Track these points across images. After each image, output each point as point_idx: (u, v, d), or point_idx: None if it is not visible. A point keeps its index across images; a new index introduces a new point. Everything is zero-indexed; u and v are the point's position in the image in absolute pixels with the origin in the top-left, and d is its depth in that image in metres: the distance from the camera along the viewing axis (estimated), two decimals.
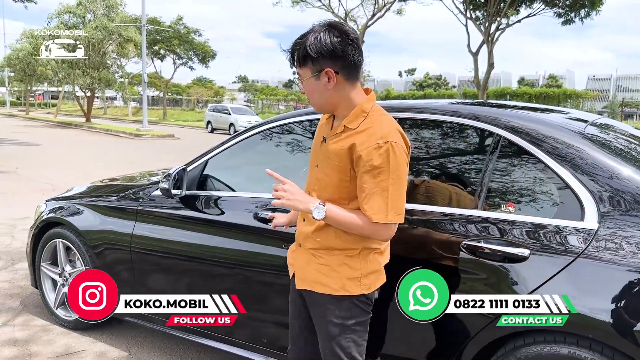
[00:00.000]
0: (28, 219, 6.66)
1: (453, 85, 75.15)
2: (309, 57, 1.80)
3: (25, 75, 45.95)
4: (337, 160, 1.85)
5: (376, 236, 1.84)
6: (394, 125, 1.84)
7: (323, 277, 1.91)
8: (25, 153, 15.77)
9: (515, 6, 23.69)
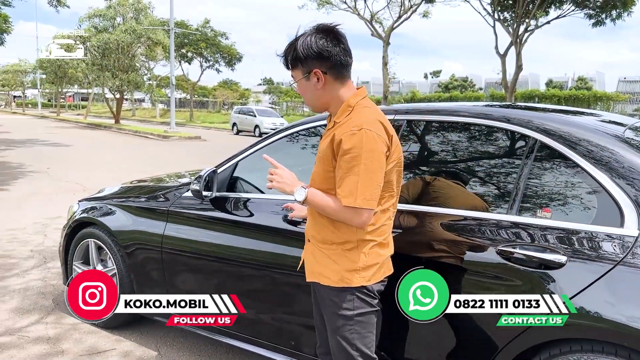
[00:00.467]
0: (60, 219, 6.81)
1: (480, 87, 74.26)
2: (298, 60, 1.95)
3: (57, 78, 46.92)
4: (322, 153, 1.96)
5: (349, 222, 1.89)
6: (374, 116, 1.91)
7: (324, 269, 1.98)
8: (57, 154, 16.11)
9: (545, 7, 23.30)
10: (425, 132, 2.66)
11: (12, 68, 62.69)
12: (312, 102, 2.02)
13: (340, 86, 1.97)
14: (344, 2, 29.03)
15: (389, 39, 28.93)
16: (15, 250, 5.46)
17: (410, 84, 73.27)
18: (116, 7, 31.40)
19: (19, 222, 6.71)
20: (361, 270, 1.93)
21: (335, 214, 1.90)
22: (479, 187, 2.41)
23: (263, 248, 2.79)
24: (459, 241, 2.20)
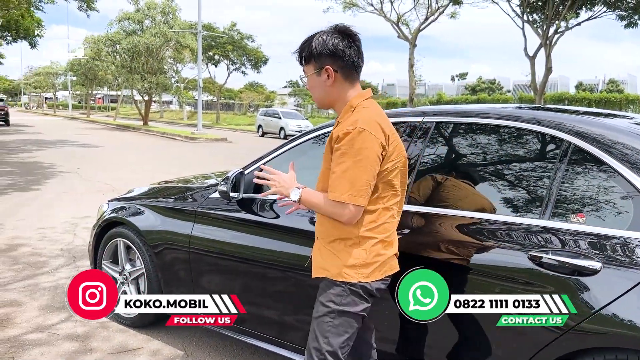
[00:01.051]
0: (89, 218, 6.94)
1: (507, 90, 73.28)
2: (312, 56, 2.01)
3: (87, 80, 47.97)
4: (325, 152, 2.03)
5: (337, 217, 1.92)
6: (371, 115, 1.94)
7: (325, 262, 2.02)
8: (86, 154, 16.43)
9: (575, 9, 22.90)
10: (454, 135, 2.62)
11: (44, 70, 64.36)
12: (320, 98, 2.08)
13: (349, 86, 2.04)
14: (370, 4, 28.99)
15: (415, 40, 28.77)
16: (45, 249, 5.58)
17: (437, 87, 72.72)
18: (145, 10, 31.94)
19: (50, 221, 6.85)
20: (360, 266, 1.95)
21: (325, 209, 1.96)
22: (509, 190, 2.36)
23: (289, 250, 2.78)
24: (488, 246, 2.16)
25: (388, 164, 1.95)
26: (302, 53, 2.04)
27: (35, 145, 19.19)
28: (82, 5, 19.76)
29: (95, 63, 38.03)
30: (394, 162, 1.98)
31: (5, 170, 11.96)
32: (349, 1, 29.05)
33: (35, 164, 13.28)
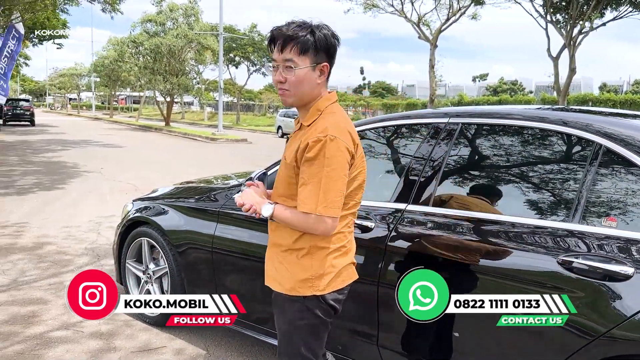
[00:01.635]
0: (113, 217, 7.03)
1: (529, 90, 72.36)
2: (313, 47, 1.86)
3: (110, 81, 48.66)
4: (289, 158, 1.91)
5: (314, 231, 1.84)
6: (340, 122, 1.87)
7: (279, 275, 1.97)
8: (110, 154, 16.66)
9: (600, 9, 22.53)
10: (479, 136, 2.59)
11: (68, 72, 65.49)
12: (303, 94, 1.90)
13: (325, 88, 1.97)
14: (391, 5, 28.88)
15: (436, 41, 28.58)
16: (70, 247, 5.67)
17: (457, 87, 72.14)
18: (167, 12, 32.30)
19: (74, 220, 6.96)
20: (314, 279, 1.89)
21: (300, 224, 1.85)
22: (537, 193, 2.32)
23: None
24: (516, 250, 2.13)
25: (352, 173, 1.89)
26: (299, 38, 1.84)
27: (60, 145, 19.52)
28: (106, 7, 20.03)
29: (119, 64, 38.56)
30: (357, 172, 1.92)
31: (31, 169, 12.19)
32: (370, 2, 28.97)
33: (59, 163, 13.51)
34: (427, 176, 2.54)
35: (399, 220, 2.49)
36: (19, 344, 3.37)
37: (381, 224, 2.53)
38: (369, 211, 2.61)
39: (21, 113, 32.88)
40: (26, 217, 7.05)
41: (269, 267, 2.04)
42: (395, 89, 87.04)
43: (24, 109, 33.19)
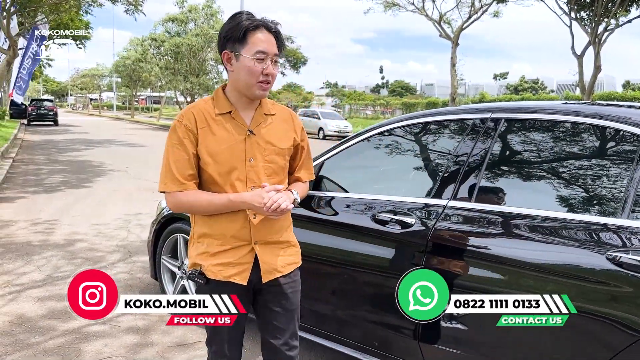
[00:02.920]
0: (141, 215, 7.13)
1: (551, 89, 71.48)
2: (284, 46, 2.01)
3: (131, 81, 49.22)
4: (283, 144, 2.03)
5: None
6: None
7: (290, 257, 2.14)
8: (134, 153, 16.87)
9: (626, 6, 22.13)
10: (524, 132, 2.58)
11: (90, 72, 66.41)
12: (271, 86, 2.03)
13: None
14: (412, 3, 28.73)
15: (457, 39, 28.36)
16: (101, 244, 5.76)
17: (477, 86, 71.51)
18: (188, 12, 32.60)
19: (103, 218, 7.07)
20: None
21: (305, 193, 2.17)
22: (583, 188, 2.30)
23: (349, 247, 2.79)
24: (565, 245, 2.11)
25: None
26: (283, 41, 1.98)
27: (84, 144, 19.82)
28: (130, 8, 20.26)
29: (140, 65, 39.00)
30: None
31: (57, 168, 12.40)
32: (390, 1, 28.85)
33: (85, 162, 13.72)
34: (470, 172, 2.53)
35: (441, 216, 2.49)
36: (58, 337, 3.44)
37: (422, 220, 2.53)
38: (408, 207, 2.61)
39: (45, 113, 33.47)
40: (56, 215, 7.19)
41: (272, 261, 2.03)
42: (414, 88, 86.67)
43: (47, 109, 33.77)
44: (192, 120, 1.93)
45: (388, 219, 2.64)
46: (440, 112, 2.94)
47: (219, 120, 1.94)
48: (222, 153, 1.92)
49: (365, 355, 2.79)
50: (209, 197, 1.92)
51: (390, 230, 2.62)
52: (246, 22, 1.88)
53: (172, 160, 1.92)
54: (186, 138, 1.91)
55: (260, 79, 1.90)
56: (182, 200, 1.92)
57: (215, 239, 1.97)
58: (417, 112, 3.13)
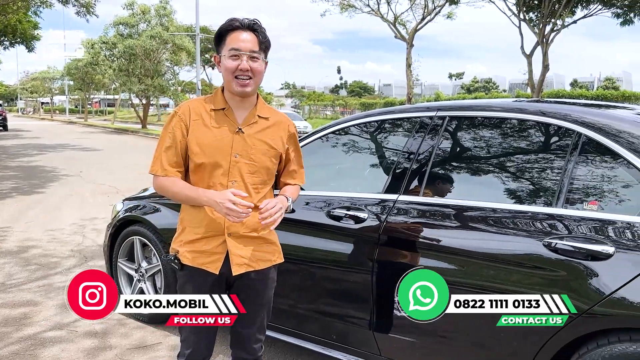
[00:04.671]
0: (96, 220, 7.02)
1: (503, 89, 73.48)
2: (269, 46, 2.11)
3: (84, 84, 47.92)
4: (277, 147, 2.14)
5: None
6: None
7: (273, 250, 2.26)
8: (88, 157, 16.47)
9: (571, 7, 23.01)
10: (465, 128, 2.71)
11: (40, 75, 64.24)
12: (258, 85, 2.12)
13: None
14: (367, 5, 29.06)
15: (412, 40, 28.84)
16: (56, 250, 5.65)
17: (433, 86, 72.85)
18: (139, 14, 32.00)
19: (57, 224, 6.92)
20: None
21: (296, 196, 2.28)
22: (522, 180, 2.44)
23: (307, 244, 2.86)
24: (504, 234, 2.24)
25: None
26: (265, 41, 2.07)
27: (36, 149, 19.23)
28: (82, 10, 19.73)
29: (93, 67, 38.03)
30: None
31: (8, 174, 12.01)
32: (346, 2, 29.12)
33: (37, 167, 13.33)
34: (418, 167, 2.65)
35: (391, 210, 2.59)
36: (13, 344, 3.38)
37: (374, 214, 2.63)
38: (362, 202, 2.70)
39: None
40: (8, 222, 6.99)
41: (244, 254, 2.09)
42: (372, 89, 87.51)
43: None
44: (186, 112, 2.08)
45: (342, 214, 2.73)
46: (393, 111, 3.04)
47: (213, 115, 2.08)
48: (210, 145, 2.04)
49: (324, 348, 2.86)
50: (184, 186, 2.06)
51: (344, 226, 2.71)
52: (225, 25, 2.04)
53: (162, 147, 2.07)
54: (178, 128, 2.06)
55: (236, 74, 2.01)
56: (164, 184, 2.08)
57: (192, 227, 2.09)
58: (370, 111, 3.24)
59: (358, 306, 2.69)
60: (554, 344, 2.07)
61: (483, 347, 2.31)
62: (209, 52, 42.06)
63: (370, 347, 2.66)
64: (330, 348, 2.84)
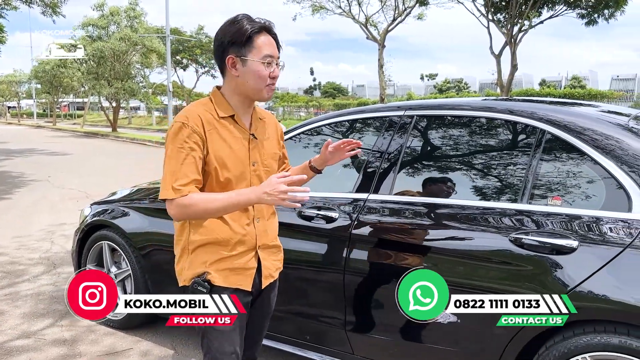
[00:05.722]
0: (65, 225, 6.88)
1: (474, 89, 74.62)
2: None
3: (52, 87, 46.88)
4: (277, 149, 2.09)
5: None
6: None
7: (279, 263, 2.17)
8: (56, 162, 16.13)
9: (537, 8, 23.48)
10: (433, 128, 2.74)
11: (6, 79, 62.64)
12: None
13: None
14: (339, 7, 29.19)
15: (384, 41, 29.07)
16: (23, 257, 5.52)
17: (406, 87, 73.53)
18: (109, 16, 31.48)
19: (25, 230, 6.75)
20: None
21: None
22: (488, 178, 2.48)
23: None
24: (471, 231, 2.27)
25: None
26: (279, 43, 1.94)
27: (2, 154, 18.75)
28: (47, 10, 19.29)
29: (61, 70, 37.26)
30: None
31: None
32: (317, 4, 29.19)
33: (4, 173, 13.00)
34: (387, 166, 2.66)
35: (362, 209, 2.60)
36: None
37: (345, 214, 2.63)
38: (333, 202, 2.71)
39: None
40: None
41: (270, 266, 2.04)
42: (345, 90, 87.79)
43: None
44: (198, 122, 1.82)
45: (314, 214, 2.73)
46: (364, 110, 3.05)
47: (224, 123, 1.88)
48: (230, 157, 1.86)
49: (298, 348, 2.86)
50: (214, 197, 1.80)
51: (315, 226, 2.71)
52: (249, 25, 1.83)
53: (178, 164, 1.78)
54: (193, 141, 1.79)
55: (268, 82, 1.87)
56: (190, 203, 1.77)
57: (221, 246, 1.89)
58: (341, 110, 3.25)
59: (331, 306, 2.69)
60: (522, 337, 2.11)
61: (453, 343, 2.33)
62: (180, 53, 41.71)
63: (343, 346, 2.67)
64: (304, 349, 2.84)
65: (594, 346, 1.95)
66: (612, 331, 1.93)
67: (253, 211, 1.94)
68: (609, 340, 1.93)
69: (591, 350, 1.97)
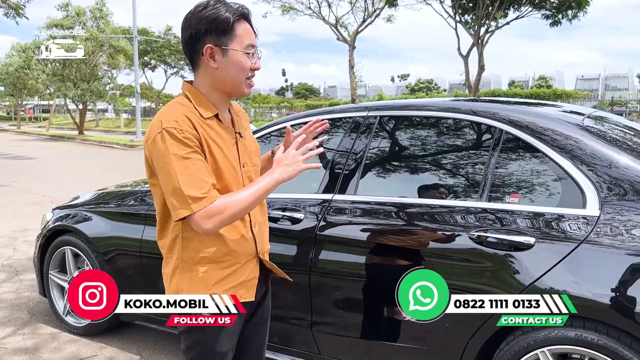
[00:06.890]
0: (28, 231, 6.71)
1: (444, 89, 75.65)
2: None
3: (16, 90, 45.74)
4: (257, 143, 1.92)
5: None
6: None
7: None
8: (20, 166, 15.73)
9: (504, 9, 23.94)
10: (397, 128, 2.76)
11: None
12: None
13: None
14: (309, 8, 29.24)
15: (354, 43, 29.23)
16: None
17: (377, 88, 74.09)
18: (74, 16, 30.86)
19: None
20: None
21: None
22: (449, 177, 2.52)
23: None
24: (431, 229, 2.31)
25: None
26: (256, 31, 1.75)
27: None
28: (10, 11, 18.82)
29: (25, 72, 36.36)
30: None
31: None
32: (287, 5, 29.18)
33: None
34: (352, 166, 2.68)
35: (327, 209, 2.60)
36: None
37: (310, 215, 2.63)
38: (299, 203, 2.71)
39: None
40: None
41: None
42: (317, 91, 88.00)
43: None
44: (190, 125, 1.61)
45: (279, 216, 2.72)
46: (332, 111, 3.05)
47: (210, 124, 1.68)
48: (224, 161, 1.68)
49: (267, 351, 2.84)
50: (241, 192, 1.64)
51: (281, 227, 2.70)
52: (228, 12, 1.62)
53: (189, 172, 1.57)
54: (193, 145, 1.60)
55: (249, 74, 1.69)
56: (222, 208, 1.59)
57: (222, 260, 1.74)
58: (309, 111, 3.25)
59: (298, 307, 2.69)
60: (484, 332, 2.14)
61: (418, 340, 2.36)
62: (148, 54, 41.19)
63: (310, 347, 2.67)
64: (271, 351, 2.82)
65: (552, 340, 2.00)
66: (569, 325, 1.97)
67: (249, 218, 1.80)
68: (566, 334, 1.98)
69: (549, 344, 2.01)
